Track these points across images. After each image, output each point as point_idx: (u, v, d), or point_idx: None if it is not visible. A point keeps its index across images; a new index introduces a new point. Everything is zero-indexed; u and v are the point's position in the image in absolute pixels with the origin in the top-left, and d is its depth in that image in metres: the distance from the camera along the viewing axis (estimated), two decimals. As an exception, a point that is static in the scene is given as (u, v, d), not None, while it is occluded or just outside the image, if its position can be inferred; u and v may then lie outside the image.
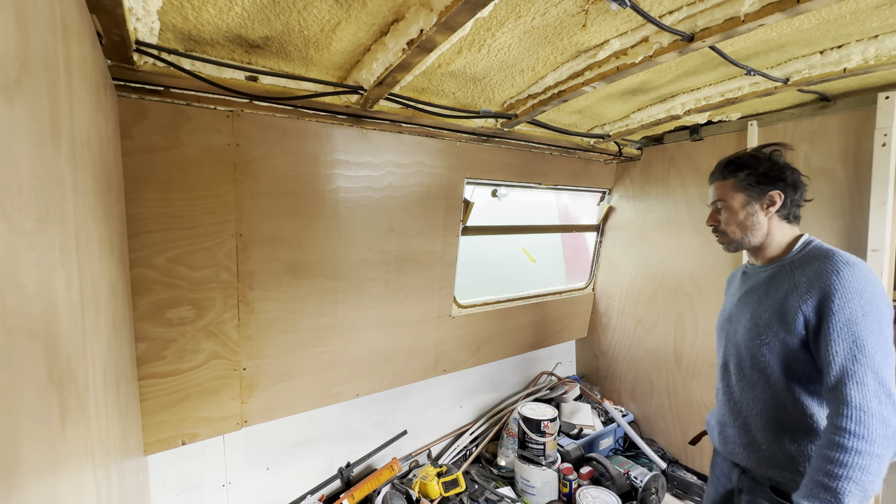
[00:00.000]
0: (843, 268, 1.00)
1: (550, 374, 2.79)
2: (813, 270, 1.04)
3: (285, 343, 1.62)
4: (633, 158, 2.47)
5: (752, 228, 1.17)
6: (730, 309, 1.28)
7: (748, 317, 1.17)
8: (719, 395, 1.27)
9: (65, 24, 0.58)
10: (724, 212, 1.20)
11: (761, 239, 1.17)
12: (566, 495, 2.02)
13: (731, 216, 1.19)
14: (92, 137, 0.74)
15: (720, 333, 1.31)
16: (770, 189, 1.14)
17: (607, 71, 1.27)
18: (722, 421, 1.26)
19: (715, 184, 1.23)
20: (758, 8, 0.97)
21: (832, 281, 0.99)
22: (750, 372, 1.15)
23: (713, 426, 1.32)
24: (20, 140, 0.39)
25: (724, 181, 1.20)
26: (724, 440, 1.24)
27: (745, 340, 1.16)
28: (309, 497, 1.83)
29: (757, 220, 1.16)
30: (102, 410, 0.70)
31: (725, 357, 1.25)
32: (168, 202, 1.28)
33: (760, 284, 1.17)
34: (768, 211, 1.15)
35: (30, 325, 0.39)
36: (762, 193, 1.15)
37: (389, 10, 0.99)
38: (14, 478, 0.34)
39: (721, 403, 1.27)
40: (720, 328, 1.32)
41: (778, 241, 1.17)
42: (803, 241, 1.14)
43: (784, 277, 1.10)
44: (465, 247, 2.10)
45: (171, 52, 1.09)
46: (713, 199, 1.24)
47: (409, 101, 1.47)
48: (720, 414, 1.28)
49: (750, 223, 1.17)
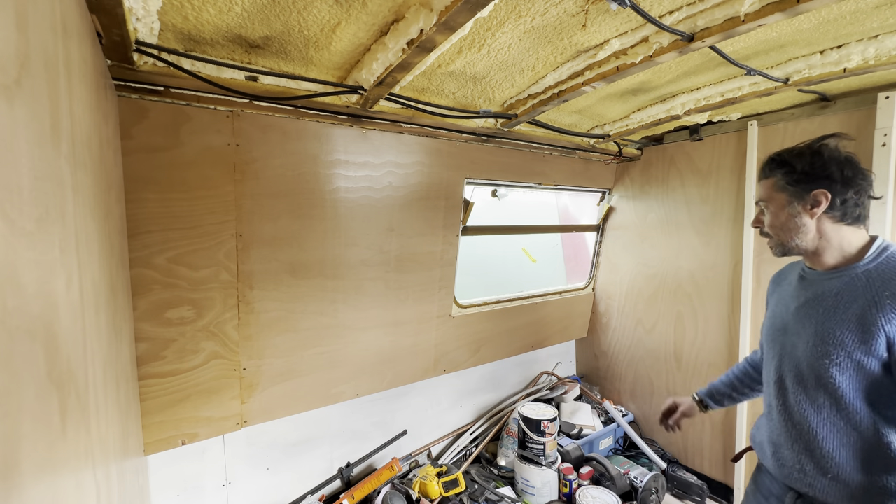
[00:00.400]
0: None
1: (550, 374, 2.79)
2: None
3: (285, 343, 1.62)
4: (633, 158, 2.47)
5: (798, 231, 1.04)
6: (784, 317, 1.14)
7: (811, 330, 1.03)
8: (773, 412, 1.14)
9: (65, 24, 0.58)
10: (767, 213, 1.10)
11: (813, 243, 1.04)
12: (566, 495, 2.02)
13: (774, 218, 1.08)
14: (92, 137, 0.74)
15: (771, 344, 1.17)
16: (813, 188, 1.01)
17: (607, 71, 1.27)
18: (776, 441, 1.13)
19: (760, 182, 1.13)
20: (758, 8, 0.97)
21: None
22: (814, 393, 1.02)
23: (764, 445, 1.19)
24: (20, 140, 0.39)
25: (766, 180, 1.10)
26: (780, 463, 1.12)
27: (807, 357, 1.03)
28: (309, 497, 1.83)
29: (801, 221, 1.03)
30: (102, 410, 0.70)
31: (780, 372, 1.11)
32: (168, 202, 1.28)
33: (827, 295, 1.02)
34: (813, 212, 1.02)
35: (30, 325, 0.39)
36: (804, 193, 1.02)
37: (389, 10, 0.99)
38: (14, 478, 0.34)
39: (776, 422, 1.13)
40: (772, 338, 1.17)
41: (838, 245, 1.03)
42: (878, 247, 0.99)
43: (859, 289, 0.97)
44: (465, 247, 2.10)
45: (171, 52, 1.09)
46: (757, 199, 1.14)
47: (409, 101, 1.47)
48: (774, 433, 1.14)
49: (793, 225, 1.04)
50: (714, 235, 2.15)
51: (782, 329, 1.13)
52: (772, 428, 1.15)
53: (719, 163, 2.12)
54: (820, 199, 1.01)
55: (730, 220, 2.08)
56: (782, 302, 1.17)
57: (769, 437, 1.16)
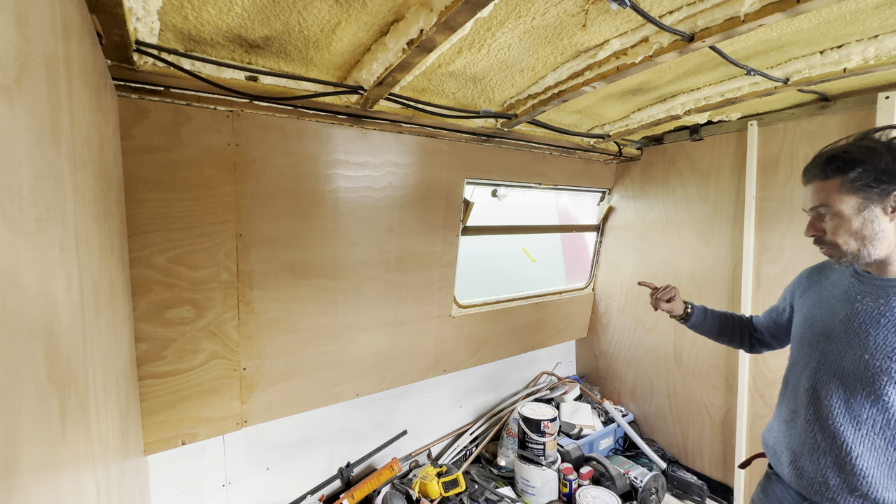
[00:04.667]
0: None
1: (550, 374, 2.79)
2: None
3: (285, 343, 1.62)
4: (633, 158, 2.47)
5: (874, 238, 0.93)
6: (828, 323, 1.04)
7: (869, 343, 0.94)
8: (798, 420, 1.07)
9: (65, 24, 0.58)
10: (830, 219, 0.97)
11: (887, 250, 0.94)
12: (566, 495, 2.02)
13: (842, 224, 0.95)
14: (92, 137, 0.74)
15: (808, 349, 1.07)
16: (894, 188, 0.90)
17: (607, 71, 1.27)
18: (797, 451, 1.06)
19: (814, 184, 0.99)
20: (758, 8, 0.97)
21: None
22: (859, 407, 0.95)
23: (780, 452, 1.13)
24: (20, 140, 0.39)
25: (826, 181, 0.96)
26: (799, 473, 1.06)
27: (858, 371, 0.95)
28: (309, 497, 1.83)
29: (879, 227, 0.92)
30: (102, 410, 0.70)
31: (816, 381, 1.03)
32: (168, 202, 1.28)
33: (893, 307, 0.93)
34: (894, 216, 0.91)
35: (30, 325, 0.39)
36: (884, 194, 0.90)
37: (389, 10, 0.99)
38: (14, 478, 0.34)
39: (800, 431, 1.06)
40: (809, 343, 1.08)
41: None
42: None
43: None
44: (465, 247, 2.10)
45: (172, 52, 1.09)
46: (813, 204, 0.99)
47: (409, 101, 1.47)
48: (795, 441, 1.07)
49: (870, 232, 0.93)
50: (714, 235, 2.15)
51: (825, 335, 1.04)
52: (793, 435, 1.08)
53: (719, 163, 2.12)
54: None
55: (730, 220, 2.08)
56: (825, 305, 1.07)
57: (788, 445, 1.09)
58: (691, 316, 1.44)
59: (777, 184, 1.89)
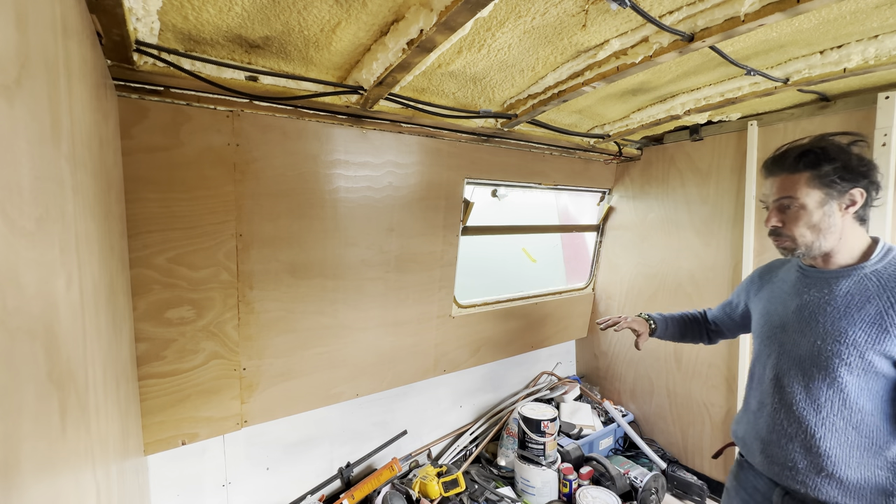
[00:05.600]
0: None
1: (550, 374, 2.79)
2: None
3: (285, 343, 1.62)
4: (633, 158, 2.47)
5: (827, 231, 1.00)
6: (782, 315, 1.12)
7: (819, 330, 1.02)
8: (766, 409, 1.13)
9: (65, 24, 0.58)
10: (793, 211, 1.02)
11: (833, 243, 1.02)
12: (566, 495, 2.02)
13: (804, 216, 1.01)
14: (92, 137, 0.74)
15: (767, 343, 1.15)
16: (853, 187, 0.98)
17: (607, 71, 1.27)
18: (766, 438, 1.12)
19: (781, 177, 1.05)
20: (758, 8, 0.97)
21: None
22: (817, 391, 1.01)
23: (748, 441, 1.18)
24: (20, 140, 0.39)
25: (795, 174, 1.02)
26: (770, 459, 1.11)
27: (812, 357, 1.02)
28: (309, 497, 1.83)
29: (833, 221, 1.00)
30: (102, 410, 0.70)
31: (778, 370, 1.10)
32: (168, 202, 1.28)
33: (838, 295, 1.01)
34: (846, 212, 1.00)
35: (30, 325, 0.39)
36: (843, 192, 0.98)
37: (389, 10, 0.99)
38: (14, 478, 0.34)
39: (768, 419, 1.12)
40: (767, 337, 1.15)
41: (851, 245, 1.02)
42: (883, 248, 1.01)
43: (872, 290, 0.97)
44: (465, 247, 2.10)
45: (172, 52, 1.09)
46: (779, 195, 1.05)
47: (409, 101, 1.47)
48: (763, 430, 1.13)
49: (825, 225, 1.00)
50: (714, 235, 2.15)
51: (780, 327, 1.12)
52: (761, 424, 1.14)
53: (719, 163, 2.12)
54: (856, 199, 0.99)
55: (730, 220, 2.08)
56: (778, 299, 1.16)
57: (757, 434, 1.15)
58: (655, 331, 1.53)
59: (777, 184, 1.89)
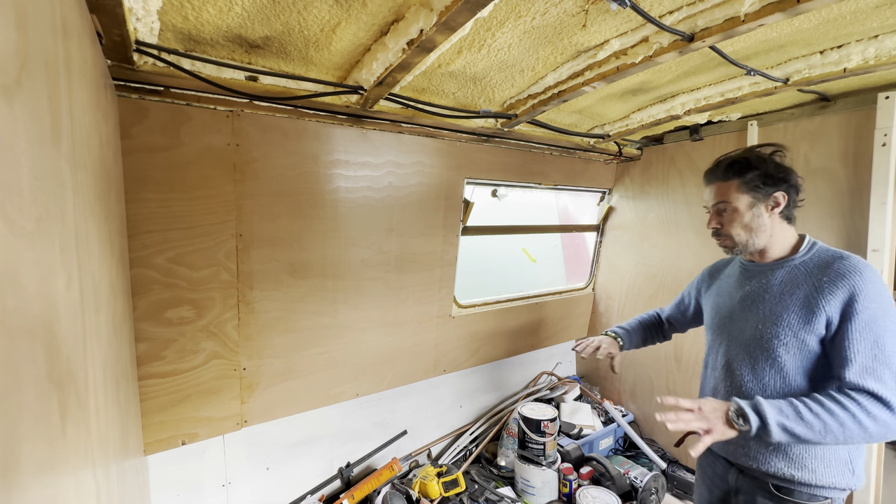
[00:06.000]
0: (864, 269, 1.03)
1: (550, 374, 2.79)
2: (834, 272, 1.05)
3: (285, 343, 1.62)
4: (633, 158, 2.47)
5: (758, 230, 1.17)
6: (729, 307, 1.26)
7: (759, 316, 1.16)
8: (720, 394, 1.25)
9: (65, 24, 0.58)
10: (728, 213, 1.19)
11: (765, 240, 1.18)
12: (566, 495, 2.02)
13: (737, 218, 1.18)
14: (92, 137, 0.74)
15: (718, 333, 1.29)
16: (775, 190, 1.14)
17: (607, 71, 1.27)
18: None
19: (715, 185, 1.22)
20: (758, 8, 0.97)
21: (856, 281, 1.01)
22: (761, 372, 1.14)
23: None
24: (20, 140, 0.39)
25: (726, 182, 1.19)
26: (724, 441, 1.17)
27: (756, 340, 1.16)
28: (309, 497, 1.83)
29: (762, 221, 1.16)
30: (102, 410, 0.70)
31: (728, 357, 1.23)
32: (168, 202, 1.28)
33: (773, 284, 1.16)
34: (772, 212, 1.16)
35: (30, 325, 0.39)
36: (767, 195, 1.15)
37: (389, 10, 0.99)
38: (14, 478, 0.34)
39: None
40: (718, 327, 1.29)
41: (781, 241, 1.18)
42: (809, 242, 1.16)
43: (800, 278, 1.11)
44: (465, 247, 2.10)
45: (172, 52, 1.09)
46: (716, 200, 1.22)
47: (409, 101, 1.47)
48: None
49: (756, 225, 1.17)
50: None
51: (728, 317, 1.26)
52: None
53: (719, 163, 2.12)
54: (779, 201, 1.15)
55: (730, 220, 2.08)
56: (724, 293, 1.31)
57: None
58: (623, 346, 1.60)
59: (777, 184, 1.89)
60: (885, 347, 0.98)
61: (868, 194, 1.62)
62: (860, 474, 1.11)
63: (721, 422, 1.04)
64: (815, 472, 1.08)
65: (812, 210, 1.78)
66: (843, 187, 1.71)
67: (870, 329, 0.99)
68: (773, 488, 1.13)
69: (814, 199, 1.77)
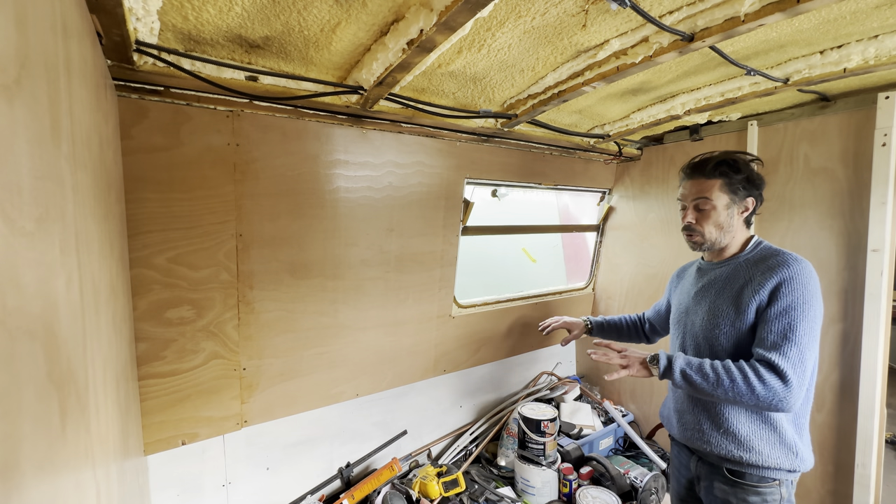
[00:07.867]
0: (793, 263, 1.15)
1: (550, 374, 2.79)
2: (767, 265, 1.18)
3: (285, 343, 1.62)
4: (633, 158, 2.47)
5: (727, 230, 1.26)
6: (686, 302, 1.39)
7: (706, 308, 1.28)
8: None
9: (65, 24, 0.58)
10: (706, 210, 1.26)
11: (728, 239, 1.28)
12: (566, 495, 2.02)
13: (713, 215, 1.25)
14: (92, 137, 0.74)
15: (677, 327, 1.41)
16: (749, 196, 1.25)
17: (607, 71, 1.27)
18: (680, 409, 1.34)
19: (700, 180, 1.27)
20: (758, 8, 0.97)
21: (783, 272, 1.14)
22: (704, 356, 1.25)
23: (669, 416, 1.40)
24: (20, 140, 0.39)
25: (710, 180, 1.25)
26: (683, 427, 1.32)
27: (702, 330, 1.27)
28: (309, 497, 1.83)
29: (734, 221, 1.26)
30: (102, 410, 0.70)
31: (683, 348, 1.36)
32: (168, 202, 1.28)
33: (719, 279, 1.28)
34: (741, 215, 1.26)
35: (30, 325, 0.39)
36: (742, 199, 1.25)
37: (389, 10, 0.99)
38: (14, 478, 0.34)
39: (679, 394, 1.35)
40: (676, 321, 1.41)
41: (737, 241, 1.30)
42: (755, 241, 1.29)
43: (741, 272, 1.23)
44: (465, 247, 2.10)
45: (172, 52, 1.09)
46: (696, 196, 1.27)
47: (409, 101, 1.47)
48: (678, 403, 1.36)
49: (727, 225, 1.25)
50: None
51: (685, 311, 1.37)
52: (677, 398, 1.37)
53: (719, 163, 2.12)
54: (749, 206, 1.26)
55: (730, 220, 2.08)
56: (684, 291, 1.43)
57: (675, 408, 1.38)
58: (592, 331, 1.84)
59: (777, 184, 1.89)
60: (796, 329, 1.07)
61: (868, 194, 1.62)
62: (805, 457, 1.19)
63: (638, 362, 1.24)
64: (761, 454, 1.17)
65: (812, 210, 1.78)
66: (843, 187, 1.71)
67: (786, 314, 1.09)
68: (728, 472, 1.21)
69: (814, 199, 1.77)
